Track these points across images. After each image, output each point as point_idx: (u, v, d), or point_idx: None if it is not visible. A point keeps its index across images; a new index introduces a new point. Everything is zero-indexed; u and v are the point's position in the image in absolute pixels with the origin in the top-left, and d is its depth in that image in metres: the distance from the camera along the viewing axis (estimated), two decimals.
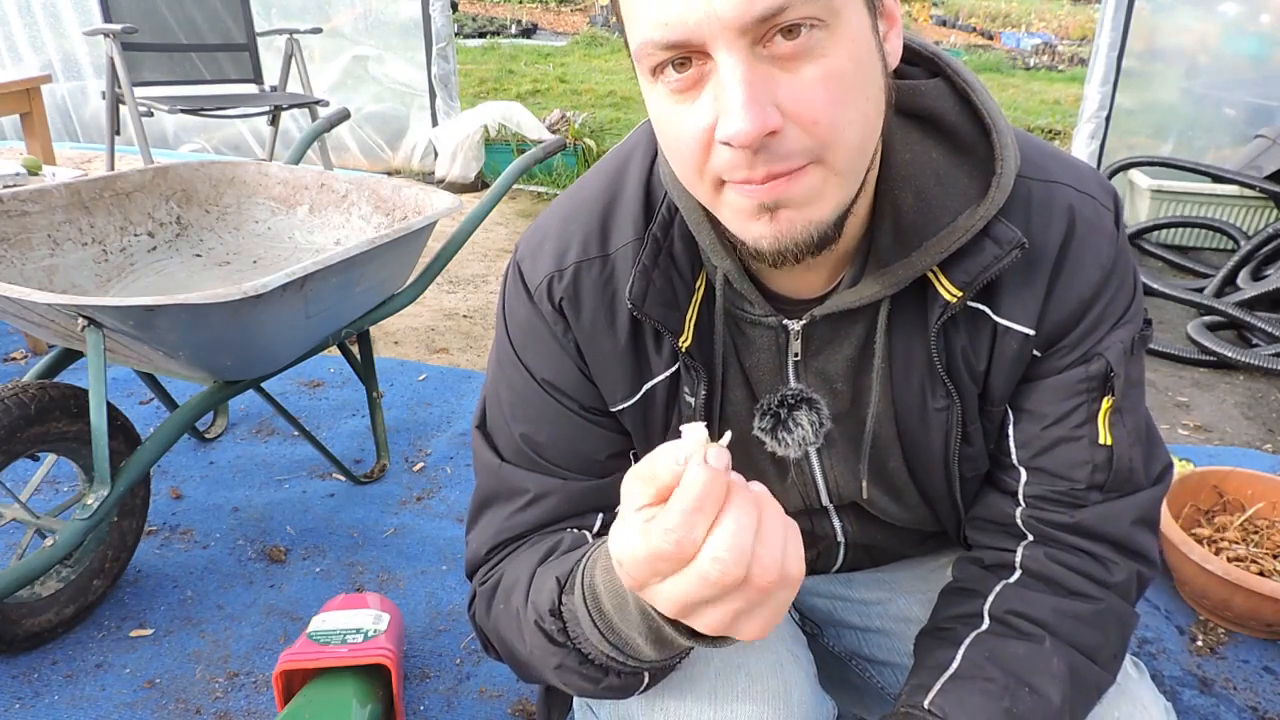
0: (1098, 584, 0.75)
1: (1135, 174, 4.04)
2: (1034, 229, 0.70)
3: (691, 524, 0.48)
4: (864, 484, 0.83)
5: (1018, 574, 0.78)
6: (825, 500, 0.87)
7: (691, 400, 0.79)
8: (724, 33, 0.54)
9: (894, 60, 0.64)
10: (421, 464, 2.14)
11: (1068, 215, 0.71)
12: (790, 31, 0.55)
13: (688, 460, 0.49)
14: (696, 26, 0.54)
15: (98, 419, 1.35)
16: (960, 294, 0.70)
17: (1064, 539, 0.76)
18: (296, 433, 2.16)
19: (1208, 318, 3.00)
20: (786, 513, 0.88)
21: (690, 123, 0.59)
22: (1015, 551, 0.79)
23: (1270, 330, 2.81)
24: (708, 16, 0.54)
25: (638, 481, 0.52)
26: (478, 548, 0.84)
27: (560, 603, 0.69)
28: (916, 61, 0.74)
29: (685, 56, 0.57)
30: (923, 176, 0.69)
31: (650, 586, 0.52)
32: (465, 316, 3.13)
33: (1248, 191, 3.70)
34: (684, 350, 0.76)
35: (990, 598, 0.77)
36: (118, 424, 1.53)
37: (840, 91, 0.57)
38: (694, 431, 0.51)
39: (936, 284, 0.71)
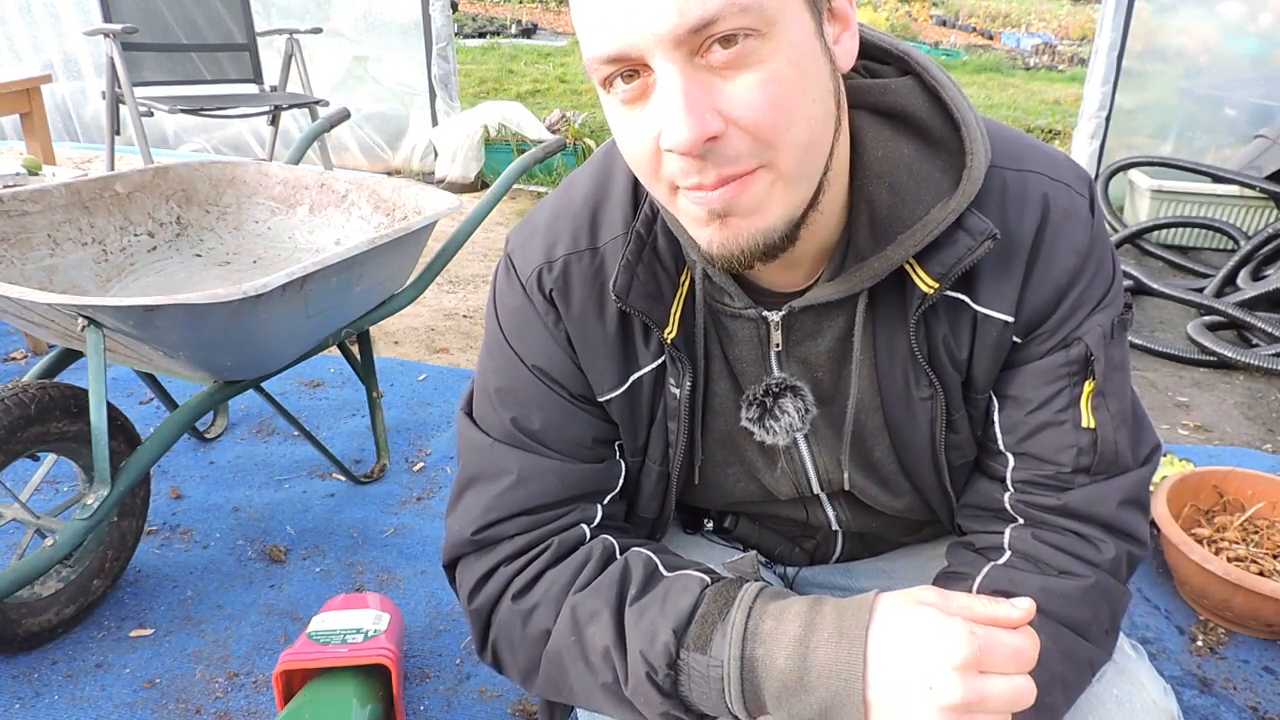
0: (1086, 563, 0.76)
1: (1135, 174, 4.04)
2: (1009, 218, 0.72)
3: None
4: (845, 472, 0.85)
5: (1007, 555, 0.79)
6: (816, 488, 0.89)
7: (676, 392, 0.80)
8: (659, 45, 0.57)
9: (846, 62, 0.66)
10: (421, 464, 2.14)
11: (1042, 203, 0.72)
12: (727, 41, 0.57)
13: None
14: (633, 40, 0.57)
15: (98, 419, 1.35)
16: (936, 285, 0.71)
17: (1052, 521, 0.77)
18: (296, 433, 2.16)
19: (1208, 318, 3.00)
20: (779, 501, 0.89)
21: (640, 132, 0.62)
22: (1004, 534, 0.80)
23: (1270, 330, 2.81)
24: (643, 31, 0.56)
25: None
26: (461, 529, 0.83)
27: (678, 656, 0.70)
28: (887, 60, 0.75)
29: (632, 69, 0.59)
30: (896, 172, 0.71)
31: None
32: (465, 316, 3.13)
33: (1248, 191, 3.70)
34: (669, 342, 0.78)
35: (978, 579, 0.78)
36: (118, 424, 1.53)
37: (780, 95, 0.59)
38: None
39: (913, 276, 0.72)
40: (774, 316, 0.77)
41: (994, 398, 0.79)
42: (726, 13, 0.55)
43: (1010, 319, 0.74)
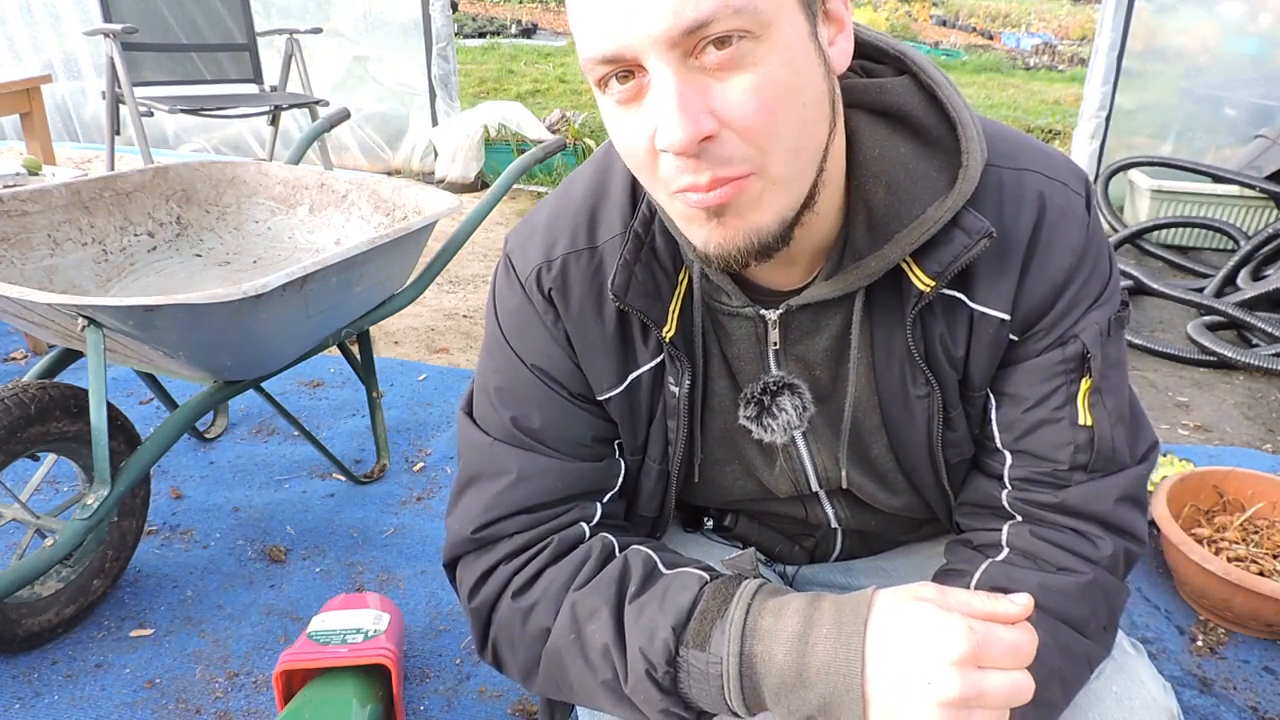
0: (1084, 559, 0.76)
1: (1135, 174, 4.04)
2: (1005, 216, 0.72)
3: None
4: (843, 470, 0.85)
5: (1005, 552, 0.79)
6: (815, 486, 0.89)
7: (676, 390, 0.81)
8: (654, 46, 0.57)
9: (841, 64, 0.66)
10: (421, 464, 2.14)
11: (1038, 201, 0.73)
12: (721, 43, 0.57)
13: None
14: (628, 41, 0.58)
15: (98, 419, 1.35)
16: (933, 283, 0.71)
17: (1050, 518, 0.78)
18: (296, 433, 2.16)
19: (1208, 318, 3.00)
20: (778, 499, 0.90)
21: (634, 132, 0.62)
22: (1002, 530, 0.80)
23: (1270, 330, 2.81)
24: (638, 31, 0.57)
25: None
26: (461, 528, 0.83)
27: (678, 653, 0.70)
28: (884, 60, 0.75)
29: (626, 70, 0.60)
30: (892, 171, 0.71)
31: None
32: (465, 316, 3.13)
33: (1248, 191, 3.70)
34: (668, 341, 0.78)
35: (977, 576, 0.78)
36: (118, 424, 1.53)
37: (773, 98, 0.59)
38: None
39: (910, 274, 0.72)
40: (772, 315, 0.78)
41: (991, 395, 0.79)
42: (720, 14, 0.56)
43: (1007, 317, 0.74)
